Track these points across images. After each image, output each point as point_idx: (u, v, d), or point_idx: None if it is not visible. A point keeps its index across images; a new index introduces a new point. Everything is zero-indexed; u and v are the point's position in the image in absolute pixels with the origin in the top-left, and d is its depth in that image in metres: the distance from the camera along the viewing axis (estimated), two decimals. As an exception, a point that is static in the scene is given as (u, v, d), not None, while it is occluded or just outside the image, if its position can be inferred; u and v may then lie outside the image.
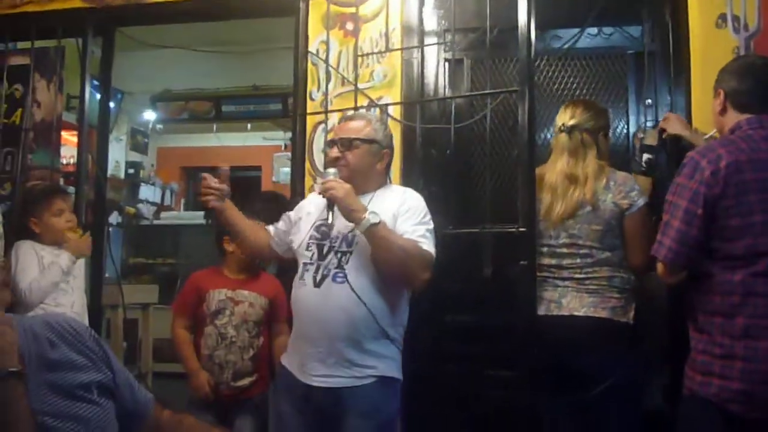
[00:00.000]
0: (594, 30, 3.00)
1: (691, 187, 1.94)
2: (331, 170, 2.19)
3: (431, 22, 3.09)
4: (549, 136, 2.98)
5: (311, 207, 2.33)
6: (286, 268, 2.66)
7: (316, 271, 2.15)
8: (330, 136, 2.34)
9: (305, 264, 2.20)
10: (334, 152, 2.24)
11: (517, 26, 2.59)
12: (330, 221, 2.14)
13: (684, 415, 2.01)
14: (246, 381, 2.79)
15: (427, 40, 3.07)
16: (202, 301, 2.85)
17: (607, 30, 3.00)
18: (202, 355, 2.82)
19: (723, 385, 1.88)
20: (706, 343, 1.94)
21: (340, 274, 2.12)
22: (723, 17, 2.69)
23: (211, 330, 2.81)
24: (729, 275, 1.90)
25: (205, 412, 2.79)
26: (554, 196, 2.49)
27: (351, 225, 2.11)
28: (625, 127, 3.00)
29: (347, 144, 2.23)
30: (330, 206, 2.13)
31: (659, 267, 2.04)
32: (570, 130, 2.53)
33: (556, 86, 3.06)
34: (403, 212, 2.17)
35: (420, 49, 3.06)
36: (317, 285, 2.14)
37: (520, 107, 2.63)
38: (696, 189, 1.93)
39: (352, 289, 2.10)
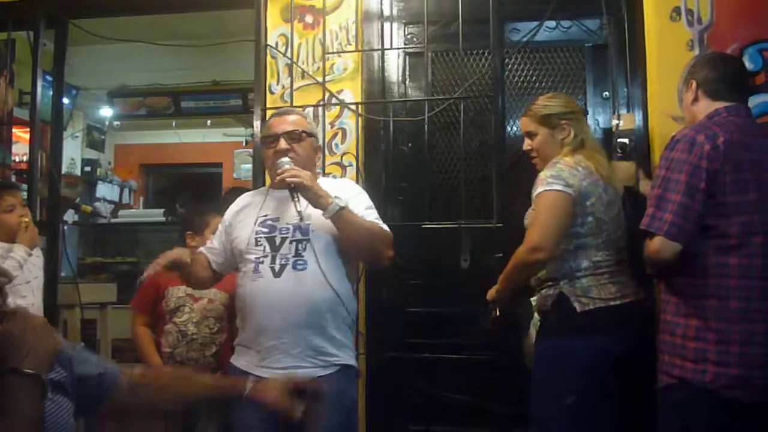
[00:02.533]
0: (552, 23, 3.03)
1: (691, 161, 1.91)
2: (286, 159, 2.17)
3: (390, 14, 3.08)
4: (515, 128, 3.03)
5: (245, 207, 2.29)
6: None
7: (273, 262, 2.12)
8: (266, 132, 2.29)
9: (257, 258, 2.15)
10: (283, 144, 2.20)
11: (476, 19, 2.72)
12: (300, 209, 2.10)
13: (672, 404, 1.97)
14: None
15: (387, 32, 3.07)
16: (161, 299, 2.81)
17: (565, 23, 3.04)
18: (163, 353, 2.78)
19: (720, 371, 1.86)
20: (698, 330, 1.91)
21: (300, 261, 2.11)
22: (677, 10, 2.74)
23: (171, 328, 2.78)
24: (724, 257, 1.90)
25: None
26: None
27: (308, 215, 2.12)
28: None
29: (296, 137, 2.23)
30: (293, 194, 2.10)
31: (654, 243, 1.95)
32: None
33: (516, 79, 3.08)
34: (350, 198, 2.19)
35: (380, 43, 3.06)
36: (277, 275, 2.10)
37: (493, 113, 2.86)
38: (696, 163, 1.91)
39: (317, 273, 2.10)
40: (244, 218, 2.25)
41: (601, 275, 2.25)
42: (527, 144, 2.46)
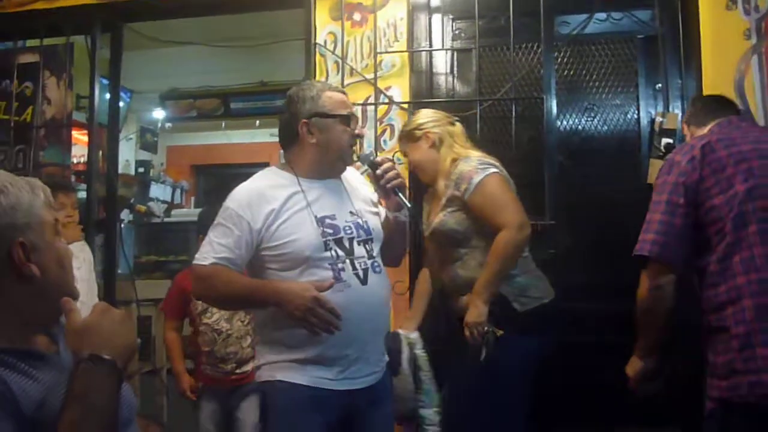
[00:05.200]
0: (603, 15, 2.98)
1: (670, 181, 1.91)
2: (371, 151, 2.14)
3: (438, 9, 3.08)
4: (566, 124, 3.03)
5: (285, 203, 1.90)
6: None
7: (354, 268, 1.89)
8: (338, 108, 1.97)
9: (333, 265, 1.86)
10: (359, 126, 2.03)
11: (524, 12, 2.73)
12: (411, 210, 2.03)
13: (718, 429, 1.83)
14: (250, 366, 2.85)
15: (435, 27, 3.07)
16: (189, 300, 2.88)
17: (616, 15, 2.98)
18: (203, 352, 2.90)
19: (750, 380, 1.75)
20: (722, 342, 1.83)
21: (376, 264, 1.95)
22: (733, -1, 2.67)
23: (204, 328, 2.89)
24: (727, 261, 1.82)
25: (213, 400, 2.93)
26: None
27: (357, 211, 1.97)
28: (636, 112, 2.98)
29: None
30: (396, 192, 1.98)
31: (644, 272, 1.92)
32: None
33: (565, 72, 3.04)
34: (363, 186, 2.13)
35: (428, 39, 3.06)
36: (363, 282, 1.89)
37: (545, 115, 2.86)
38: (675, 181, 1.91)
39: (386, 273, 2.01)
40: (291, 217, 1.88)
41: (532, 272, 2.27)
42: (410, 166, 2.50)
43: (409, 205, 1.99)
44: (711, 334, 1.88)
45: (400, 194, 1.97)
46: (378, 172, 1.97)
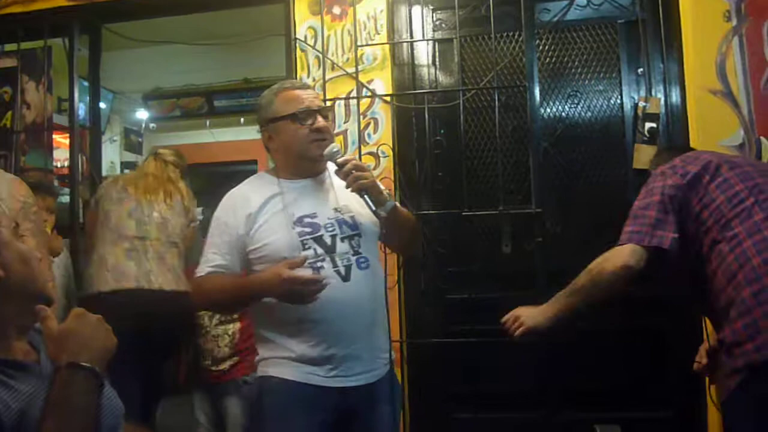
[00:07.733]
0: (583, 1, 2.98)
1: (658, 185, 1.95)
2: (336, 147, 1.93)
3: (418, 0, 3.05)
4: (550, 111, 3.02)
5: (263, 206, 1.93)
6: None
7: (335, 265, 1.87)
8: (291, 106, 1.93)
9: (311, 264, 1.84)
10: (322, 122, 1.93)
11: (505, 0, 2.73)
12: (383, 213, 1.87)
13: (754, 397, 1.75)
14: (226, 365, 2.95)
15: (416, 18, 3.05)
16: None
17: (596, 0, 2.98)
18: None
19: None
20: (738, 306, 1.79)
21: (362, 259, 1.90)
22: (713, -20, 2.67)
23: None
24: (731, 230, 1.84)
25: (204, 392, 3.07)
26: None
27: (342, 207, 1.94)
28: (619, 97, 2.97)
29: (326, 115, 1.98)
30: (362, 194, 1.86)
31: (624, 251, 1.93)
32: None
33: (548, 60, 3.03)
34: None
35: (409, 30, 3.04)
36: (345, 278, 1.86)
37: (528, 103, 2.87)
38: (664, 184, 1.95)
39: (377, 268, 1.96)
40: (268, 220, 1.91)
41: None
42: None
43: (374, 208, 1.86)
44: (730, 306, 1.83)
45: (365, 196, 1.86)
46: (341, 175, 1.89)
